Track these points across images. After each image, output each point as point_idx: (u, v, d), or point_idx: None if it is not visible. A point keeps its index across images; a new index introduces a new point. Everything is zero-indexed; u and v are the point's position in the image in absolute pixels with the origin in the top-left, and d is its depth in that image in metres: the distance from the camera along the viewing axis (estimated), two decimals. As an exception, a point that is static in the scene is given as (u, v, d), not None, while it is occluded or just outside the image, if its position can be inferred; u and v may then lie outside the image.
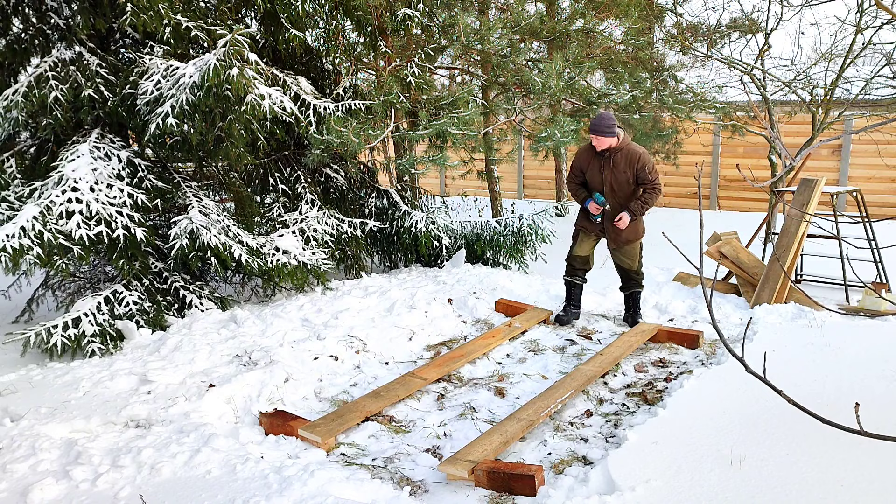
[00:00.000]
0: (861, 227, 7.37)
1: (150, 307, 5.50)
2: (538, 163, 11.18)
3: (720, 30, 8.77)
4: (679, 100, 7.82)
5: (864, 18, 6.78)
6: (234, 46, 5.04)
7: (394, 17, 6.60)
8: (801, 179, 6.35)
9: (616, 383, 4.51)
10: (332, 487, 3.11)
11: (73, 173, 5.19)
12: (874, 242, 6.22)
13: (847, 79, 7.47)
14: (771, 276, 5.90)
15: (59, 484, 3.20)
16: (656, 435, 3.40)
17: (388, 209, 7.49)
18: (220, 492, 3.08)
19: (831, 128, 7.90)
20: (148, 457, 3.40)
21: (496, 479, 3.17)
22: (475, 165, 8.13)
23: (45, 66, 5.51)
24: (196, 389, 4.25)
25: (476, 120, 6.22)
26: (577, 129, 6.61)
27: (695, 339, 5.11)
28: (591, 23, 7.20)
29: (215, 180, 6.70)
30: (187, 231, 5.48)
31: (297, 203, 6.76)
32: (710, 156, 11.45)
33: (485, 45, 6.71)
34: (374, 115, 6.02)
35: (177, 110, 5.10)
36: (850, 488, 2.80)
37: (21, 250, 4.74)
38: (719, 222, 9.60)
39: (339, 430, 3.74)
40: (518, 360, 5.00)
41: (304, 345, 5.02)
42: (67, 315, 5.10)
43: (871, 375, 3.99)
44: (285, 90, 5.95)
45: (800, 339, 4.77)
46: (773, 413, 3.47)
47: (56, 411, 3.99)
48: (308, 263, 6.01)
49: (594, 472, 3.17)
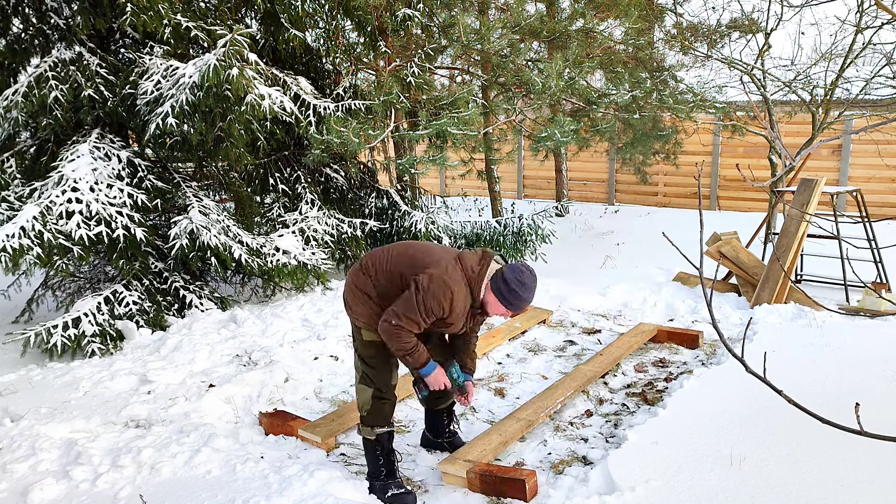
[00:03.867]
0: (861, 227, 7.36)
1: (150, 307, 5.50)
2: (538, 163, 11.17)
3: (720, 30, 8.76)
4: (679, 100, 7.80)
5: (864, 18, 6.78)
6: (234, 46, 5.04)
7: (394, 17, 6.60)
8: (801, 179, 6.35)
9: (616, 383, 4.51)
10: (332, 487, 3.11)
11: (73, 173, 5.19)
12: (874, 242, 6.22)
13: (847, 79, 7.46)
14: (771, 276, 5.90)
15: (59, 484, 3.20)
16: (656, 435, 3.40)
17: (388, 209, 7.49)
18: (220, 492, 3.08)
19: (831, 128, 7.90)
20: (148, 457, 3.40)
21: (488, 483, 3.16)
22: (475, 165, 8.12)
23: (45, 66, 5.51)
24: (196, 389, 4.25)
25: (476, 120, 6.21)
26: (577, 129, 6.60)
27: (694, 340, 5.11)
28: (591, 23, 7.19)
29: (215, 180, 6.70)
30: (187, 231, 5.48)
31: (297, 203, 6.76)
32: (710, 156, 11.44)
33: (485, 45, 6.70)
34: (374, 115, 6.02)
35: (177, 110, 5.10)
36: (850, 488, 2.80)
37: (21, 250, 4.74)
38: (719, 222, 9.60)
39: (339, 430, 3.74)
40: (518, 360, 4.99)
41: (304, 345, 5.02)
42: (67, 315, 5.10)
43: (871, 375, 3.99)
44: (285, 90, 5.95)
45: (800, 339, 4.77)
46: (773, 413, 3.47)
47: (56, 411, 3.99)
48: (308, 263, 6.01)
49: (594, 472, 3.17)
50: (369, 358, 3.14)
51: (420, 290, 2.84)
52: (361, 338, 3.13)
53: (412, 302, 2.84)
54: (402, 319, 2.86)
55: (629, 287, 6.64)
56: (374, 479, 3.18)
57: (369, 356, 3.14)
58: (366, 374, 3.16)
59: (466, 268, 2.95)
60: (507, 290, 2.92)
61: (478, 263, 2.97)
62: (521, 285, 2.92)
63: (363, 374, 3.17)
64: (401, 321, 2.87)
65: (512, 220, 7.48)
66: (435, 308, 2.86)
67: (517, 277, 2.92)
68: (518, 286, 2.91)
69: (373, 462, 3.20)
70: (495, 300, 2.96)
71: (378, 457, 3.18)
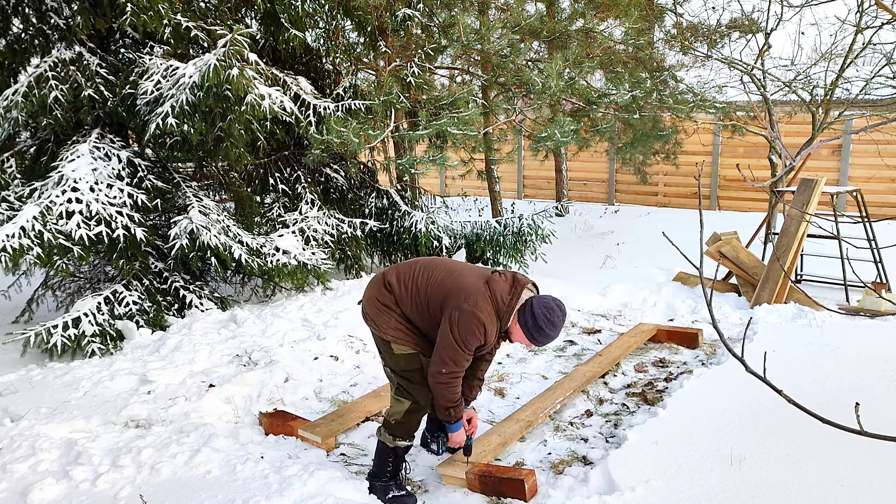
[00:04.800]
0: (861, 227, 7.36)
1: (150, 307, 5.50)
2: (538, 163, 11.17)
3: (720, 30, 8.76)
4: (679, 100, 7.80)
5: (864, 18, 6.78)
6: (234, 46, 5.04)
7: (394, 17, 6.60)
8: (801, 179, 6.35)
9: (616, 383, 4.51)
10: (332, 487, 3.11)
11: (73, 173, 5.19)
12: (874, 242, 6.22)
13: (847, 79, 7.46)
14: (771, 276, 5.90)
15: (59, 484, 3.20)
16: (656, 435, 3.40)
17: (388, 209, 7.49)
18: (220, 492, 3.08)
19: (831, 128, 7.90)
20: (148, 457, 3.40)
21: (488, 483, 3.15)
22: (475, 165, 8.12)
23: (45, 66, 5.51)
24: (196, 389, 4.25)
25: (476, 120, 6.21)
26: (577, 129, 6.60)
27: (694, 338, 5.11)
28: (591, 23, 7.19)
29: (215, 180, 6.70)
30: (187, 231, 5.48)
31: (297, 203, 6.76)
32: (710, 156, 11.45)
33: (485, 45, 6.70)
34: (374, 115, 6.02)
35: (177, 110, 5.10)
36: (850, 488, 2.80)
37: (21, 250, 4.74)
38: (719, 222, 9.60)
39: (339, 430, 3.74)
40: (518, 360, 4.99)
41: (304, 345, 5.02)
42: (67, 315, 5.10)
43: (871, 375, 3.99)
44: (285, 90, 5.95)
45: (800, 339, 4.77)
46: (773, 413, 3.46)
47: (56, 411, 3.99)
48: (308, 263, 6.01)
49: (594, 472, 3.17)
50: (403, 371, 3.07)
51: (454, 328, 2.81)
52: (391, 351, 3.06)
53: (451, 342, 2.82)
54: (449, 364, 2.84)
55: (629, 287, 6.64)
56: (376, 480, 3.17)
57: (403, 369, 3.06)
58: (402, 386, 3.09)
59: (497, 298, 2.88)
60: (534, 327, 2.87)
61: (508, 293, 2.90)
62: (549, 324, 2.87)
63: (399, 386, 3.10)
64: (449, 366, 2.84)
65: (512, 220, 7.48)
66: (472, 341, 2.83)
67: (546, 315, 2.86)
68: (546, 324, 2.86)
69: (380, 465, 3.18)
70: (521, 332, 2.92)
71: (388, 462, 3.16)
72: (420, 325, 3.00)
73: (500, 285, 2.91)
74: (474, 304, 2.82)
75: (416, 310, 2.98)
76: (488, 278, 2.94)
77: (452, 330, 2.81)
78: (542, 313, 2.86)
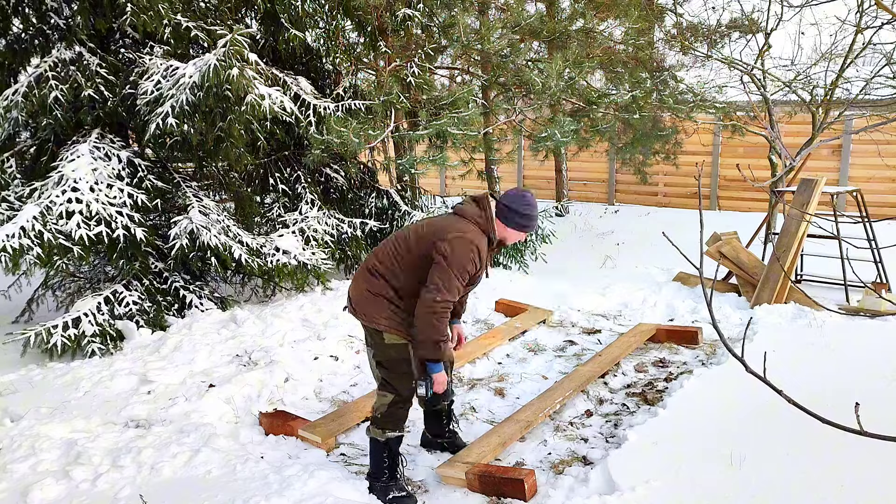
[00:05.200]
0: (861, 227, 7.36)
1: (150, 307, 5.50)
2: (538, 163, 11.17)
3: (720, 30, 8.75)
4: (679, 100, 7.81)
5: (864, 18, 6.77)
6: (234, 46, 5.04)
7: (394, 17, 6.59)
8: (801, 179, 6.35)
9: (616, 383, 4.51)
10: (332, 487, 3.11)
11: (73, 173, 5.19)
12: (874, 242, 6.22)
13: (847, 79, 7.45)
14: (771, 276, 5.90)
15: (59, 484, 3.20)
16: (656, 435, 3.40)
17: (388, 209, 7.49)
18: (220, 492, 3.08)
19: (831, 128, 7.89)
20: (148, 457, 3.40)
21: (487, 483, 3.15)
22: (475, 165, 8.12)
23: (45, 66, 5.51)
24: (196, 389, 4.25)
25: (476, 120, 6.21)
26: (577, 129, 6.60)
27: (694, 336, 5.11)
28: (591, 23, 7.19)
29: (215, 180, 6.70)
30: (187, 231, 5.48)
31: (297, 203, 6.76)
32: (710, 156, 11.44)
33: (485, 45, 6.70)
34: (374, 115, 6.02)
35: (177, 110, 5.10)
36: (850, 488, 2.80)
37: (21, 250, 4.74)
38: (719, 222, 9.60)
39: (339, 431, 3.74)
40: (518, 360, 4.99)
41: (304, 345, 5.02)
42: (67, 315, 5.10)
43: (872, 375, 3.99)
44: (285, 90, 5.95)
45: (800, 339, 4.77)
46: (773, 413, 3.46)
47: (56, 411, 3.99)
48: (308, 263, 6.01)
49: (594, 472, 3.17)
50: (389, 362, 3.09)
51: (447, 257, 2.88)
52: (383, 342, 3.06)
53: (446, 271, 2.87)
54: (443, 291, 2.86)
55: (629, 287, 6.64)
56: (376, 480, 3.17)
57: (391, 358, 3.08)
58: (385, 380, 3.12)
59: (474, 219, 3.02)
60: (519, 217, 3.07)
61: (479, 210, 3.06)
62: (527, 206, 3.07)
63: (383, 380, 3.13)
64: (443, 293, 2.86)
65: (512, 220, 7.47)
66: (469, 266, 2.92)
67: (520, 202, 3.07)
68: (525, 207, 3.07)
69: (377, 463, 3.18)
70: (512, 231, 3.11)
71: (384, 459, 3.16)
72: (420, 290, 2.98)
73: (468, 210, 3.07)
74: (459, 230, 2.94)
75: (412, 271, 3.01)
76: (455, 212, 3.10)
77: (447, 258, 2.87)
78: (515, 204, 3.06)
